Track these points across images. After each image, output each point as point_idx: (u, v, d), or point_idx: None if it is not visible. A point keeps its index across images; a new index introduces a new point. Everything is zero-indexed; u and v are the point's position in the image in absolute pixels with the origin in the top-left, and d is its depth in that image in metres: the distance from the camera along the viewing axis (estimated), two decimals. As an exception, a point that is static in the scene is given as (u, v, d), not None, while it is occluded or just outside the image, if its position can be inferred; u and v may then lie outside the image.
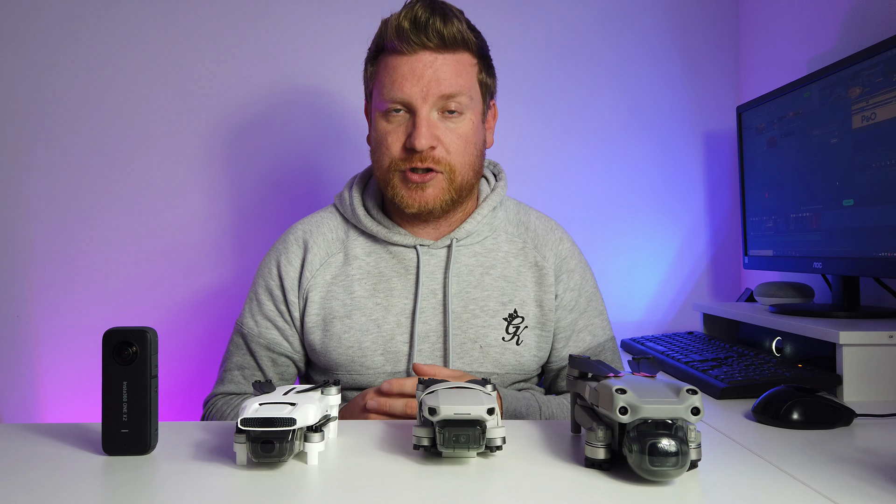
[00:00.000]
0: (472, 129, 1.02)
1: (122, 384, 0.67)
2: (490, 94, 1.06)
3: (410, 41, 0.96)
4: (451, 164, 1.00)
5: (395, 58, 0.99)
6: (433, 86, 0.97)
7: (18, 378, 1.68)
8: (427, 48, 0.97)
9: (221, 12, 1.73)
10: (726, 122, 1.82)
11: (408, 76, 0.97)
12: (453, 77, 0.98)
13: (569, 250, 1.11)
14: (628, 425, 0.58)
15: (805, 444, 0.74)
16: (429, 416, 0.63)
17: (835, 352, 1.03)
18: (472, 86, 1.01)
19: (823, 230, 1.28)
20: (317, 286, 1.05)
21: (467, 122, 1.01)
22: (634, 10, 1.81)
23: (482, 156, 1.07)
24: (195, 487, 0.59)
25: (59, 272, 1.70)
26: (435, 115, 0.99)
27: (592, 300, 1.12)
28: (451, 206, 1.03)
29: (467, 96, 1.00)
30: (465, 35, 0.99)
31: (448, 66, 0.98)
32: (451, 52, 0.98)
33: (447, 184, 1.01)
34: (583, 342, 1.09)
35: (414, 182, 1.00)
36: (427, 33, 0.96)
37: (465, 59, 1.00)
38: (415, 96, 0.97)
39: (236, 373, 1.08)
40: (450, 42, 0.97)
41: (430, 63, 0.97)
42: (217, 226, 1.75)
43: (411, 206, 1.01)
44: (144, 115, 1.72)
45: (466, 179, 1.03)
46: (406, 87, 0.97)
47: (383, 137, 1.01)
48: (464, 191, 1.03)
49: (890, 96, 1.10)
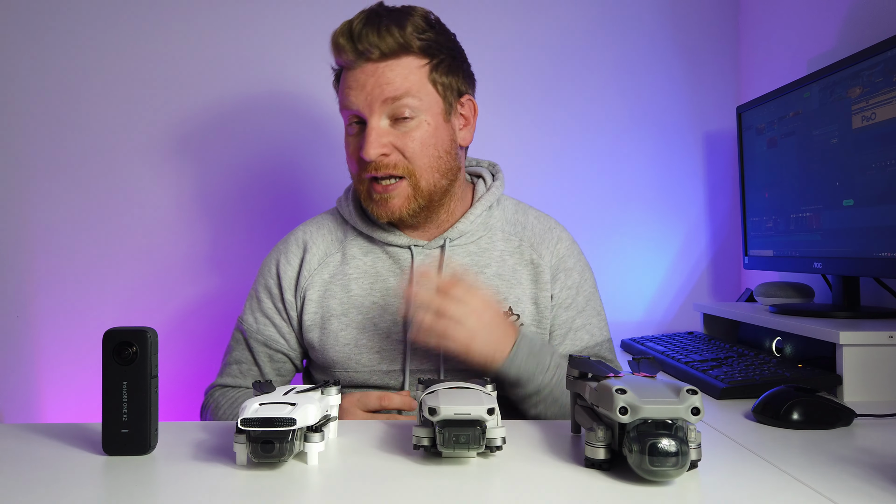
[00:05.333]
0: (429, 132, 1.00)
1: (122, 384, 0.67)
2: (456, 91, 1.04)
3: (349, 55, 0.98)
4: (411, 169, 1.00)
5: (345, 72, 1.01)
6: (376, 92, 0.97)
7: (18, 378, 1.68)
8: (368, 60, 0.98)
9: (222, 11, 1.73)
10: (726, 122, 1.82)
11: (353, 87, 0.99)
12: (399, 80, 0.98)
13: (567, 249, 1.11)
14: (628, 425, 0.58)
15: (805, 444, 0.74)
16: (429, 416, 0.63)
17: (835, 352, 1.03)
18: (420, 87, 0.99)
19: (823, 230, 1.28)
20: (314, 285, 1.07)
21: (422, 124, 1.00)
22: (634, 11, 1.81)
23: (451, 156, 1.04)
24: (195, 487, 0.59)
25: (59, 272, 1.70)
26: (385, 123, 0.99)
27: (591, 299, 1.11)
28: (420, 212, 1.03)
29: (415, 98, 0.98)
30: (405, 40, 0.97)
31: (390, 71, 0.98)
32: (394, 59, 0.98)
33: (412, 190, 1.01)
34: (580, 341, 1.09)
35: (377, 192, 1.01)
36: (361, 43, 0.97)
37: (411, 62, 0.99)
38: (360, 105, 0.98)
39: (234, 367, 1.11)
40: (389, 52, 0.97)
41: (372, 72, 0.98)
42: (217, 226, 1.75)
43: (381, 216, 1.03)
44: (144, 116, 1.72)
45: (433, 183, 1.02)
46: (352, 98, 0.99)
47: (347, 151, 1.04)
48: (434, 195, 1.02)
49: (890, 96, 1.10)
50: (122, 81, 1.71)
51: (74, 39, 1.70)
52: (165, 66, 1.72)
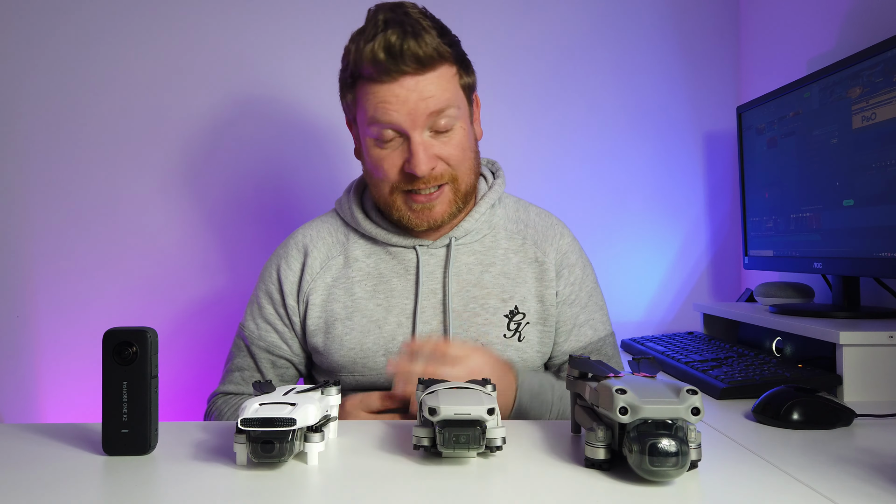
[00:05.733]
0: (464, 135, 1.01)
1: (122, 384, 0.67)
2: (472, 91, 1.05)
3: (389, 70, 0.94)
4: (454, 175, 1.01)
5: (375, 86, 0.96)
6: (420, 107, 0.95)
7: (18, 378, 1.68)
8: (406, 73, 0.95)
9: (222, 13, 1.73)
10: (726, 122, 1.82)
11: (392, 102, 0.95)
12: (440, 92, 0.96)
13: (569, 245, 1.11)
14: (628, 425, 0.58)
15: (805, 444, 0.74)
16: (429, 416, 0.63)
17: (835, 352, 1.03)
18: (457, 95, 0.99)
19: (823, 230, 1.28)
20: (317, 289, 1.06)
21: (458, 130, 1.00)
22: (634, 11, 1.81)
23: (477, 154, 1.07)
24: (195, 487, 0.59)
25: (59, 272, 1.70)
26: (427, 136, 0.98)
27: (593, 294, 1.12)
28: (457, 214, 1.04)
29: (455, 108, 0.98)
30: (439, 48, 0.96)
31: (431, 83, 0.96)
32: (431, 70, 0.96)
33: (453, 194, 1.02)
34: (584, 336, 1.09)
35: (419, 203, 1.00)
36: (404, 60, 0.93)
37: (446, 71, 0.98)
38: (403, 121, 0.96)
39: (236, 374, 1.10)
40: (427, 61, 0.95)
41: (413, 87, 0.95)
42: (218, 227, 1.75)
43: (420, 225, 1.02)
44: (144, 116, 1.72)
45: (471, 183, 1.04)
46: (392, 113, 0.95)
47: (378, 164, 1.00)
48: (468, 195, 1.05)
49: (890, 96, 1.10)
50: (122, 82, 1.71)
51: (75, 41, 1.70)
52: (166, 66, 1.72)
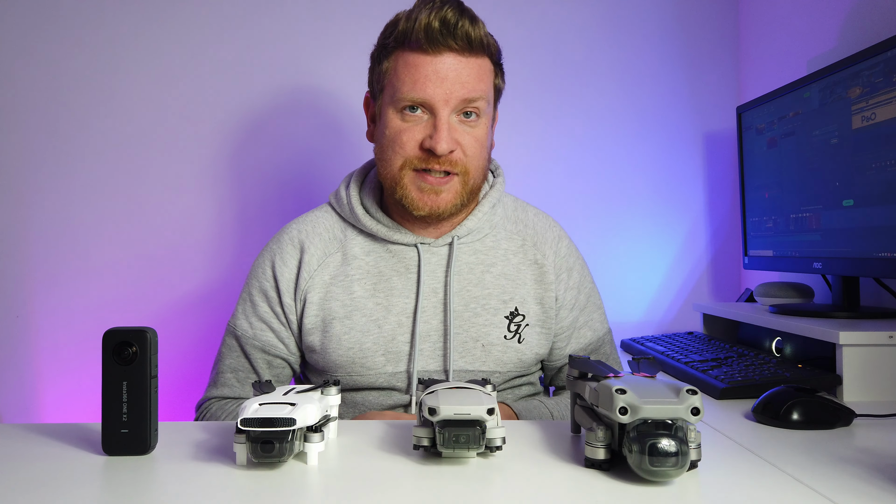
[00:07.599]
0: (484, 133, 1.02)
1: (121, 384, 0.67)
2: (499, 96, 1.06)
3: (437, 42, 0.95)
4: (467, 167, 1.00)
5: (417, 56, 0.96)
6: (456, 89, 0.96)
7: (18, 378, 1.68)
8: (452, 50, 0.96)
9: (223, 13, 1.73)
10: (726, 122, 1.82)
11: (431, 77, 0.96)
12: (475, 81, 0.97)
13: (567, 248, 1.12)
14: (628, 425, 0.58)
15: (805, 444, 0.74)
16: (429, 417, 0.63)
17: (835, 352, 1.03)
18: (489, 91, 1.01)
19: (823, 230, 1.28)
20: (315, 287, 1.04)
21: (482, 126, 1.01)
22: (634, 11, 1.81)
23: (489, 159, 1.07)
24: (195, 487, 0.59)
25: (58, 272, 1.70)
26: (454, 119, 0.98)
27: (591, 296, 1.13)
28: (460, 209, 1.03)
29: (485, 101, 0.99)
30: (488, 40, 0.98)
31: (471, 70, 0.97)
32: (475, 56, 0.97)
33: (461, 187, 1.01)
34: (584, 338, 1.10)
35: (429, 184, 0.99)
36: (455, 35, 0.95)
37: (486, 64, 1.00)
38: (437, 98, 0.96)
39: (229, 375, 1.06)
40: (475, 46, 0.97)
41: (454, 66, 0.96)
42: (217, 225, 1.75)
43: (421, 209, 1.00)
44: (142, 116, 1.72)
45: (478, 182, 1.03)
46: (429, 88, 0.96)
47: (396, 135, 0.99)
48: (473, 193, 1.04)
49: (890, 96, 1.10)
50: (121, 82, 1.71)
51: (77, 41, 1.70)
52: (164, 67, 1.72)
